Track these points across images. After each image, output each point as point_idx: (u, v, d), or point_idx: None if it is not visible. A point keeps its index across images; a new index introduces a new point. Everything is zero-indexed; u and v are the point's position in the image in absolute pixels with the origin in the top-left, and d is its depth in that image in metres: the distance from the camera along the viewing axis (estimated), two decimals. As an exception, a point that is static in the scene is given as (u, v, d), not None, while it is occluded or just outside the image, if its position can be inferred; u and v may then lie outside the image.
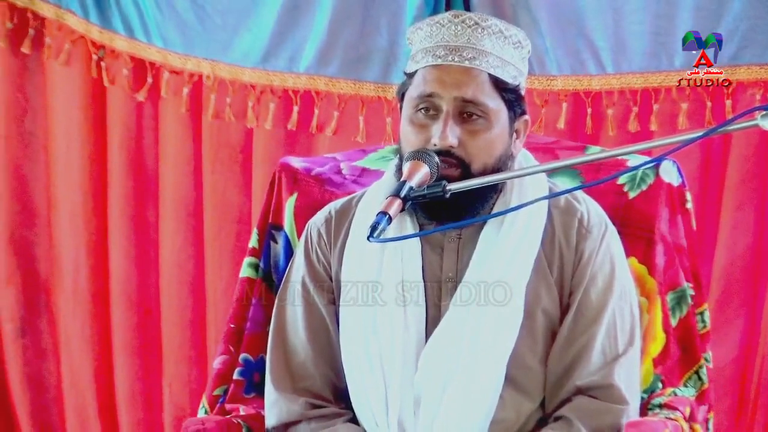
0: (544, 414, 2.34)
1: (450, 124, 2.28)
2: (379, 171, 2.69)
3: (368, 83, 3.49)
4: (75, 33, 3.61)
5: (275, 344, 2.46)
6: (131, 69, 3.60)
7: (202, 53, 3.55)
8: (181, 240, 3.68)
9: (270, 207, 2.70)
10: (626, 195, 2.58)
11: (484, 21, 2.32)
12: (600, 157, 2.34)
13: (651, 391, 2.50)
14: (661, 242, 2.55)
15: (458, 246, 2.37)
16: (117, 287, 3.75)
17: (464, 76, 2.29)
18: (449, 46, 2.31)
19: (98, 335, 3.78)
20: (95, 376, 3.80)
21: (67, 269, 3.77)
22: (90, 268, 3.75)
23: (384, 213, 2.15)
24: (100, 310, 3.77)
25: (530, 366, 2.32)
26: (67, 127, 3.69)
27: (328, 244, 2.46)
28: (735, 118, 2.05)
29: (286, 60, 3.51)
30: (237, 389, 2.60)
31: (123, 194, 3.69)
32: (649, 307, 2.54)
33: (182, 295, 3.71)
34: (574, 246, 2.36)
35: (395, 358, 2.31)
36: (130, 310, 3.75)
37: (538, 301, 2.33)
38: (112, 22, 3.58)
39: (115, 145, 3.68)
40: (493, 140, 2.31)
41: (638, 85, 3.37)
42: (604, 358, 2.31)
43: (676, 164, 2.60)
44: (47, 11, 3.61)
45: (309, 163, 2.74)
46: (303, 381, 2.41)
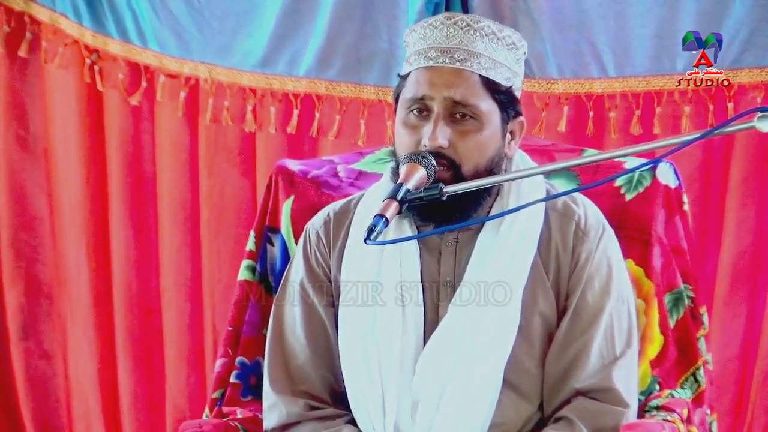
0: (543, 416, 2.34)
1: (440, 125, 2.28)
2: (375, 174, 2.69)
3: (369, 86, 3.49)
4: (69, 37, 3.60)
5: (273, 346, 2.46)
6: (126, 73, 3.60)
7: (199, 57, 3.55)
8: (178, 242, 3.68)
9: (267, 210, 2.70)
10: (623, 197, 2.58)
11: (476, 23, 2.32)
12: (597, 159, 2.34)
13: (648, 393, 2.50)
14: (658, 244, 2.55)
15: (456, 249, 2.37)
16: (118, 290, 3.75)
17: (455, 77, 2.28)
18: (441, 47, 2.31)
19: (101, 337, 3.79)
20: (99, 378, 3.80)
21: (68, 272, 3.78)
22: (91, 270, 3.75)
23: (381, 216, 2.15)
24: (102, 313, 3.77)
25: (528, 369, 2.32)
26: (65, 130, 3.70)
27: (326, 246, 2.46)
28: (732, 120, 2.05)
29: (285, 63, 3.51)
30: (234, 392, 2.61)
31: (122, 197, 3.69)
32: (646, 309, 2.53)
33: (181, 298, 3.71)
34: (571, 249, 2.35)
35: (393, 360, 2.31)
36: (132, 313, 3.75)
37: (535, 304, 2.33)
38: (106, 26, 3.58)
39: (114, 148, 3.68)
40: (485, 141, 2.30)
41: (640, 88, 3.36)
42: (602, 360, 2.31)
43: (672, 166, 2.60)
44: (43, 15, 3.62)
45: (306, 165, 2.75)
46: (302, 383, 2.41)
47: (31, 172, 3.76)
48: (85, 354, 3.80)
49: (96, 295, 3.77)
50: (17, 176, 3.75)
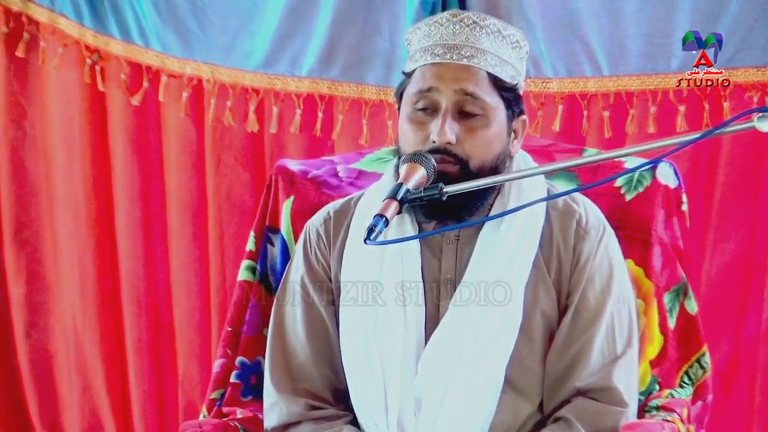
0: (543, 416, 2.34)
1: (449, 121, 2.27)
2: (375, 173, 2.69)
3: (370, 86, 3.49)
4: (68, 37, 3.59)
5: (274, 345, 2.46)
6: (128, 73, 3.59)
7: (202, 57, 3.55)
8: (186, 242, 3.67)
9: (267, 210, 2.70)
10: (623, 197, 2.58)
11: (482, 20, 2.32)
12: (597, 159, 2.34)
13: (648, 393, 2.50)
14: (658, 244, 2.56)
15: (457, 247, 2.37)
16: (127, 289, 3.74)
17: (463, 72, 2.29)
18: (448, 44, 2.31)
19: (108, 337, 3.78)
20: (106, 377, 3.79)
21: (73, 271, 3.76)
22: (97, 269, 3.74)
23: (381, 216, 2.14)
24: (110, 313, 3.76)
25: (529, 368, 2.32)
26: (65, 131, 3.69)
27: (327, 244, 2.46)
28: (732, 120, 2.05)
29: (287, 63, 3.51)
30: (234, 392, 2.61)
31: (129, 197, 3.68)
32: (645, 309, 2.54)
33: (190, 296, 3.70)
34: (572, 247, 2.36)
35: (395, 359, 2.31)
36: (141, 311, 3.74)
37: (536, 302, 2.33)
38: (108, 26, 3.56)
39: (119, 148, 3.67)
40: (492, 138, 2.31)
41: (635, 87, 3.36)
42: (602, 359, 2.31)
43: (672, 166, 2.60)
44: (41, 15, 3.60)
45: (305, 165, 2.74)
46: (303, 382, 2.41)
47: (34, 170, 3.74)
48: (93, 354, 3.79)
49: (102, 295, 3.75)
50: (20, 174, 3.73)
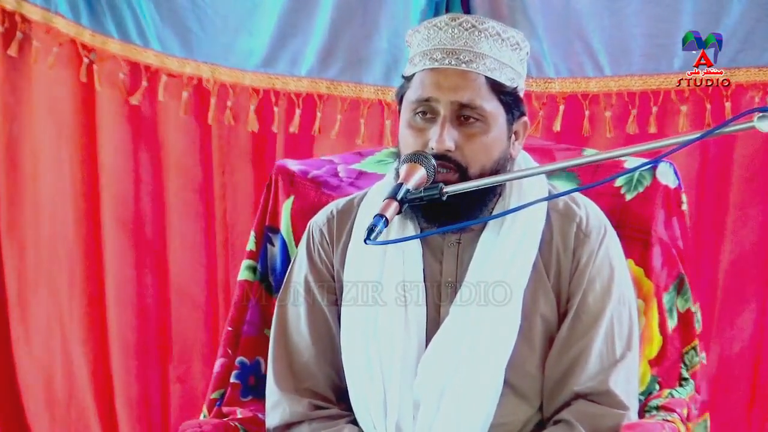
0: (542, 418, 2.34)
1: (447, 128, 2.27)
2: (376, 174, 2.69)
3: (368, 86, 3.48)
4: (64, 36, 3.58)
5: (277, 344, 2.45)
6: (127, 72, 3.58)
7: (202, 57, 3.54)
8: (190, 242, 3.67)
9: (267, 210, 2.71)
10: (623, 197, 2.58)
11: (481, 24, 2.32)
12: (597, 159, 2.34)
13: (648, 393, 2.50)
14: (658, 244, 2.55)
15: (458, 250, 2.36)
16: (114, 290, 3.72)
17: (461, 79, 2.28)
18: (446, 49, 2.30)
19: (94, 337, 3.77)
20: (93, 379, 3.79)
21: (61, 272, 3.75)
22: (85, 269, 3.72)
23: (381, 216, 2.14)
24: (98, 315, 3.75)
25: (528, 371, 2.32)
26: (56, 131, 3.67)
27: (330, 243, 2.46)
28: (732, 120, 2.05)
29: (287, 63, 3.50)
30: (234, 392, 2.61)
31: (118, 196, 3.67)
32: (645, 309, 2.53)
33: (195, 297, 3.70)
34: (572, 251, 2.35)
35: (394, 361, 2.31)
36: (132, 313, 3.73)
37: (536, 306, 2.32)
38: (105, 26, 3.56)
39: (112, 148, 3.65)
40: (491, 143, 2.30)
41: (637, 87, 3.36)
42: (601, 363, 2.31)
43: (672, 166, 2.60)
44: (35, 14, 3.59)
45: (305, 165, 2.74)
46: (306, 381, 2.41)
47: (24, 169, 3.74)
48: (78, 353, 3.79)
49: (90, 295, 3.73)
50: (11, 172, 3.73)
